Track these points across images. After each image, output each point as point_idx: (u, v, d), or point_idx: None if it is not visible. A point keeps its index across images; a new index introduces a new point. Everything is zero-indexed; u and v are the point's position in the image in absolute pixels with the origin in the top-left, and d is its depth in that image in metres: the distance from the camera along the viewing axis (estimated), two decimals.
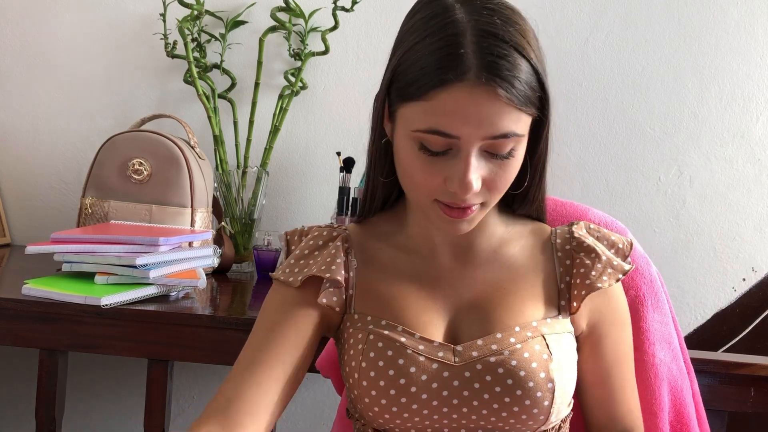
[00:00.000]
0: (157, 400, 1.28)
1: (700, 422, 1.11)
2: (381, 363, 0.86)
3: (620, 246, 0.95)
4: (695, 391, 1.13)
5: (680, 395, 1.08)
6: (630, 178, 1.81)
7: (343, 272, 0.91)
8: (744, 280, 1.81)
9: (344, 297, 0.92)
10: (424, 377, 0.85)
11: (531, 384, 0.84)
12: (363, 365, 0.87)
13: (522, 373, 0.84)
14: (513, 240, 0.94)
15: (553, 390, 0.85)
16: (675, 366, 1.09)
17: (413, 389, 0.85)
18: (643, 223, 1.80)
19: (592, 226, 0.97)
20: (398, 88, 0.83)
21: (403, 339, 0.87)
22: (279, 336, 0.89)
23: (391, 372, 0.85)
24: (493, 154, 0.81)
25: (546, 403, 0.85)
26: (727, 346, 1.80)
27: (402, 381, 0.85)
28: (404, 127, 0.82)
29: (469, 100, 0.77)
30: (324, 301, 0.91)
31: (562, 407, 0.88)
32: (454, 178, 0.80)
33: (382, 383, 0.86)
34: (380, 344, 0.87)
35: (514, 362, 0.85)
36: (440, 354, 0.86)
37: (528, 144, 0.85)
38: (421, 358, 0.86)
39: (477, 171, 0.80)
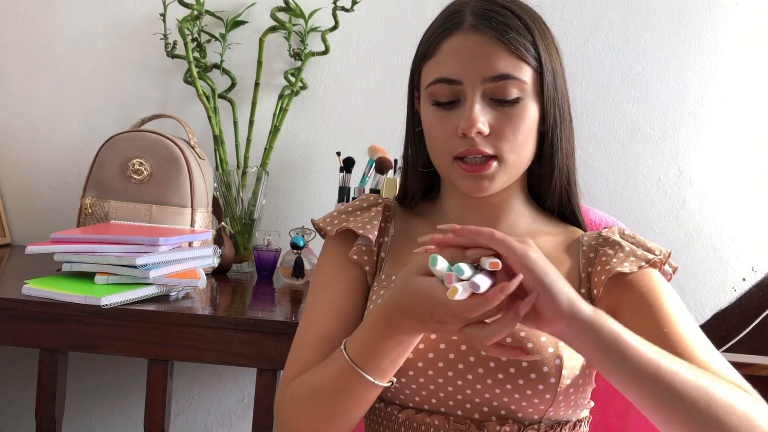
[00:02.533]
0: (157, 400, 1.28)
1: None
2: None
3: (656, 253, 0.94)
4: None
5: None
6: (630, 178, 1.81)
7: (376, 233, 0.97)
8: (744, 280, 1.81)
9: (375, 259, 0.97)
10: (432, 336, 0.87)
11: (538, 356, 0.84)
12: None
13: (530, 345, 0.85)
14: (541, 233, 0.97)
15: (561, 368, 0.84)
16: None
17: (421, 345, 0.87)
18: (643, 223, 1.80)
19: (626, 232, 0.98)
20: (417, 58, 0.95)
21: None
22: (338, 298, 0.95)
23: None
24: (498, 100, 0.88)
25: (552, 380, 0.84)
26: (727, 346, 1.80)
27: None
28: (423, 92, 0.93)
29: (466, 43, 0.88)
30: (355, 257, 0.96)
31: (570, 393, 0.87)
32: (461, 123, 0.87)
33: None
34: None
35: (522, 333, 0.86)
36: None
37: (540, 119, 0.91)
38: None
39: (481, 113, 0.87)
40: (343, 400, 0.84)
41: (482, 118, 0.87)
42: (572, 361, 0.86)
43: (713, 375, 0.79)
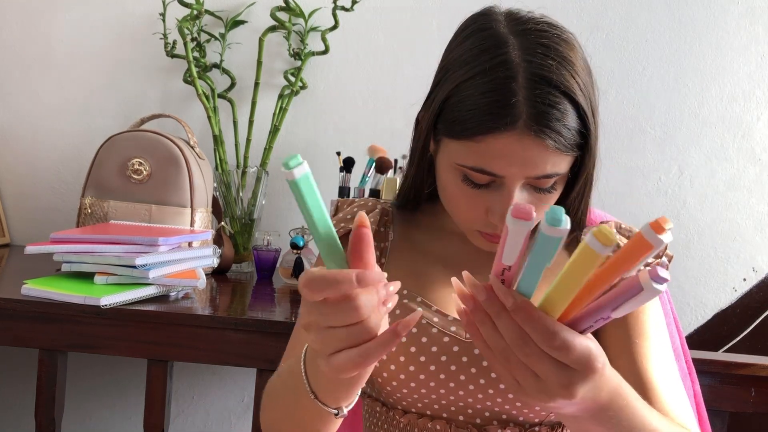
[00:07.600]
0: (156, 400, 1.28)
1: (701, 422, 1.11)
2: None
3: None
4: (696, 391, 1.13)
5: None
6: (630, 178, 1.81)
7: (373, 227, 0.93)
8: (744, 280, 1.81)
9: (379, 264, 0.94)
10: (434, 348, 0.86)
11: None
12: None
13: None
14: None
15: None
16: (677, 365, 1.09)
17: (422, 359, 0.86)
18: (643, 223, 1.80)
19: (623, 226, 0.97)
20: (445, 122, 0.82)
21: (419, 309, 0.88)
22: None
23: (403, 339, 0.87)
24: (535, 187, 0.83)
25: None
26: (727, 347, 1.80)
27: (413, 349, 0.86)
28: (448, 158, 0.83)
29: (518, 146, 0.78)
30: None
31: None
32: (496, 211, 0.82)
33: (393, 349, 0.86)
34: (397, 311, 0.89)
35: None
36: (452, 329, 0.87)
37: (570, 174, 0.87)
38: (434, 330, 0.87)
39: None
40: (294, 401, 0.78)
41: None
42: None
43: (667, 421, 0.75)
